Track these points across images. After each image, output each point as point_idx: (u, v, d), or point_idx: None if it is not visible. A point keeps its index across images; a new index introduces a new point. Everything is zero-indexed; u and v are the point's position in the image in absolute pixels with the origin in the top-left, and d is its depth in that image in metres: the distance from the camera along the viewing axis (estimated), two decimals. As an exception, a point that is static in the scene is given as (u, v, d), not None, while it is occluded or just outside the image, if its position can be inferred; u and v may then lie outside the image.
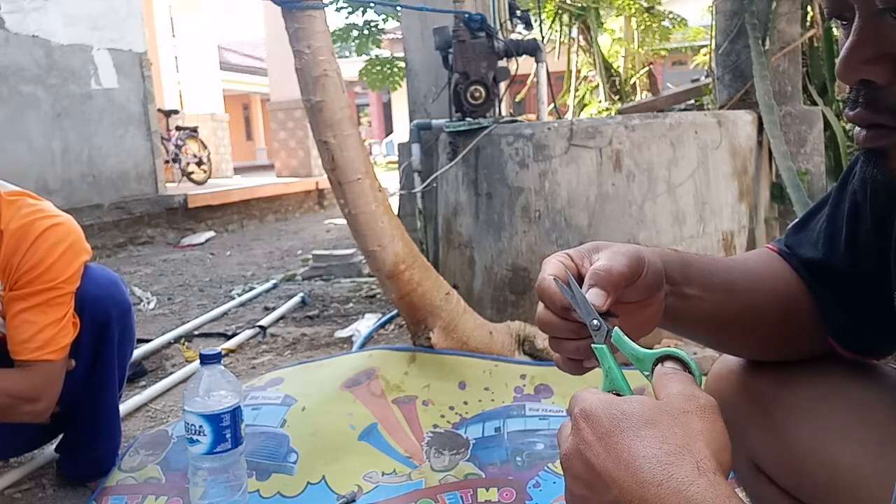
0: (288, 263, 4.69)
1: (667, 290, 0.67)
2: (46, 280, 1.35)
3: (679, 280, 0.68)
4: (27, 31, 5.20)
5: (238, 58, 19.86)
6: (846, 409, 0.71)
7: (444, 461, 1.57)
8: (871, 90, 0.54)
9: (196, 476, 1.36)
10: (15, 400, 1.36)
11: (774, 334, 0.75)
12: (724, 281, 0.72)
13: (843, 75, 0.54)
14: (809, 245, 0.74)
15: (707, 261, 0.74)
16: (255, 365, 2.45)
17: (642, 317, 0.65)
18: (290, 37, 1.84)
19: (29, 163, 5.16)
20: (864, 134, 0.56)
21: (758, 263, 0.77)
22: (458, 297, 2.08)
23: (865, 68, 0.53)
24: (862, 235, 0.69)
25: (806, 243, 0.75)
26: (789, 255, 0.76)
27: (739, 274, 0.74)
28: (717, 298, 0.71)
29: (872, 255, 0.68)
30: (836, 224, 0.72)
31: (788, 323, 0.74)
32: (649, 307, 0.66)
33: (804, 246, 0.75)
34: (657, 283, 0.65)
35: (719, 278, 0.72)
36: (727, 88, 2.87)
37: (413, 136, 3.06)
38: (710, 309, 0.71)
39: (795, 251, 0.75)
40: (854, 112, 0.55)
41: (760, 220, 2.54)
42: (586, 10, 5.19)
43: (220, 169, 10.52)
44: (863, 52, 0.53)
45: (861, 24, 0.53)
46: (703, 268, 0.72)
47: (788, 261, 0.76)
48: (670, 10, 5.92)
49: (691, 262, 0.71)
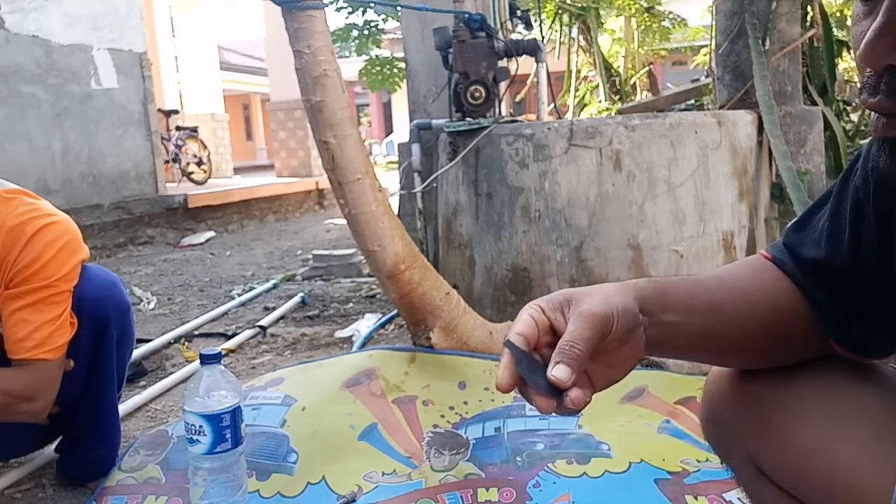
0: (288, 263, 4.69)
1: (645, 322, 0.67)
2: (42, 278, 1.35)
3: (656, 310, 0.68)
4: (27, 31, 5.20)
5: (238, 58, 19.87)
6: (845, 409, 0.70)
7: (444, 461, 1.57)
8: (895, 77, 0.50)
9: (196, 476, 1.36)
10: (11, 399, 1.36)
11: (765, 348, 0.74)
12: (706, 302, 0.71)
13: (868, 59, 0.51)
14: (811, 244, 0.73)
15: (688, 284, 0.73)
16: (255, 365, 2.45)
17: (621, 354, 0.65)
18: (290, 37, 1.84)
19: (29, 163, 5.16)
20: (883, 122, 0.53)
21: (746, 278, 0.75)
22: (458, 297, 2.08)
23: (894, 54, 0.49)
24: (865, 232, 0.68)
25: (807, 242, 0.74)
26: (784, 261, 0.75)
27: (723, 292, 0.73)
28: (700, 321, 0.70)
29: (875, 252, 0.67)
30: (838, 222, 0.71)
31: (778, 336, 0.73)
32: (627, 344, 0.65)
33: (806, 245, 0.74)
34: (630, 325, 0.65)
35: (701, 300, 0.71)
36: (727, 88, 2.87)
37: (413, 136, 3.06)
38: (693, 332, 0.70)
39: (796, 252, 0.74)
40: (875, 99, 0.52)
41: (760, 220, 2.54)
42: (586, 10, 5.20)
43: (220, 169, 10.52)
44: (893, 35, 0.49)
45: (892, 4, 0.49)
46: (682, 292, 0.71)
47: (783, 267, 0.74)
48: (670, 10, 5.93)
49: (668, 288, 0.71)
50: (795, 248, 0.75)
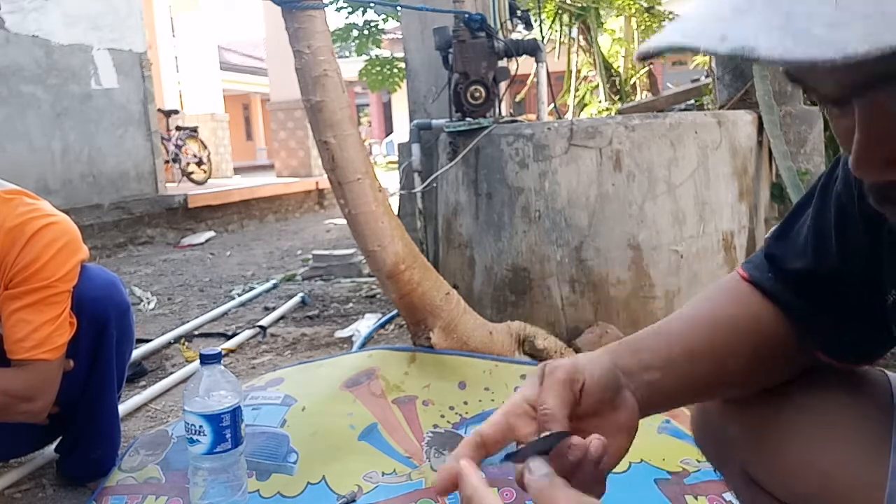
0: (288, 263, 4.69)
1: (629, 385, 0.67)
2: (41, 278, 1.35)
3: (636, 370, 0.68)
4: (27, 31, 5.20)
5: (238, 58, 19.88)
6: (836, 417, 0.70)
7: (444, 461, 1.57)
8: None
9: (196, 476, 1.36)
10: (11, 399, 1.36)
11: (749, 377, 0.73)
12: (684, 350, 0.70)
13: (865, 176, 0.46)
14: (796, 253, 0.72)
15: (662, 335, 0.72)
16: (255, 365, 2.45)
17: (617, 420, 0.65)
18: (290, 37, 1.84)
19: (29, 163, 5.16)
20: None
21: (723, 308, 0.74)
22: (458, 297, 2.08)
23: (892, 169, 0.43)
24: (852, 236, 0.67)
25: (791, 252, 0.73)
26: (762, 280, 0.74)
27: (700, 332, 0.72)
28: (682, 370, 0.70)
29: (863, 254, 0.66)
30: (822, 229, 0.70)
31: (761, 362, 0.72)
32: (618, 409, 0.65)
33: (790, 255, 0.73)
34: (611, 386, 0.65)
35: (678, 349, 0.70)
36: (727, 88, 2.87)
37: (413, 136, 3.06)
38: (677, 383, 0.70)
39: (780, 263, 0.73)
40: (887, 210, 0.48)
41: (760, 220, 2.54)
42: (586, 10, 5.20)
43: (220, 169, 10.53)
44: (882, 148, 0.43)
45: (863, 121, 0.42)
46: (658, 346, 0.70)
47: (761, 287, 0.73)
48: (670, 10, 5.92)
49: (642, 345, 0.70)
50: (779, 259, 0.74)
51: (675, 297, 2.26)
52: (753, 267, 0.75)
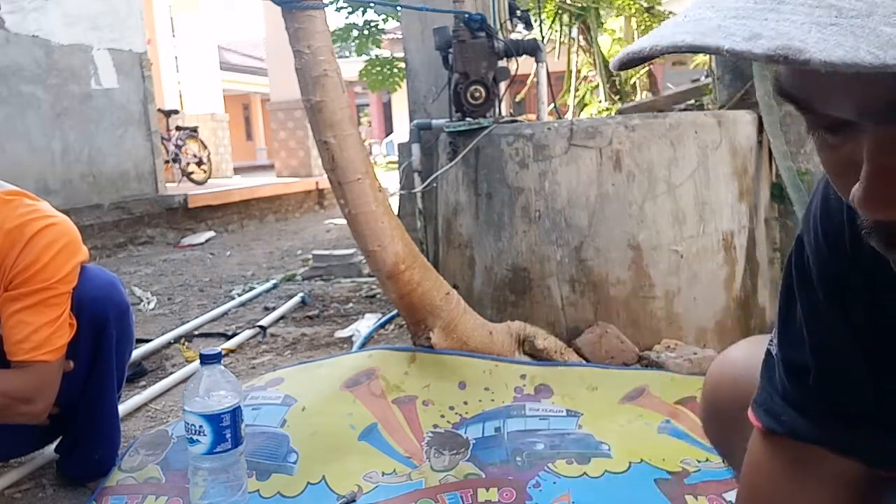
0: (288, 263, 4.69)
1: None
2: (41, 280, 1.35)
3: None
4: (27, 31, 5.20)
5: (238, 58, 19.87)
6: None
7: (444, 461, 1.57)
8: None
9: (196, 476, 1.36)
10: (11, 400, 1.36)
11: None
12: None
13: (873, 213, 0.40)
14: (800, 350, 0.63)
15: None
16: (255, 365, 2.45)
17: None
18: (290, 37, 1.84)
19: (29, 163, 5.16)
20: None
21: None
22: (458, 297, 2.08)
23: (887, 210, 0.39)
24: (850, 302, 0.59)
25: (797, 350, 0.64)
26: (774, 427, 0.66)
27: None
28: None
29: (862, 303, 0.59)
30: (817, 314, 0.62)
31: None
32: None
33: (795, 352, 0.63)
34: None
35: None
36: (727, 88, 2.86)
37: (413, 136, 3.05)
38: None
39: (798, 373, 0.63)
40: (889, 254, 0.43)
41: (760, 220, 2.54)
42: (586, 10, 5.19)
43: (220, 169, 10.52)
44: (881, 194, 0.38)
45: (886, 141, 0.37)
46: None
47: (778, 432, 0.65)
48: (670, 10, 5.92)
49: None
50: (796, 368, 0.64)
51: (675, 297, 2.26)
52: (766, 414, 0.67)
